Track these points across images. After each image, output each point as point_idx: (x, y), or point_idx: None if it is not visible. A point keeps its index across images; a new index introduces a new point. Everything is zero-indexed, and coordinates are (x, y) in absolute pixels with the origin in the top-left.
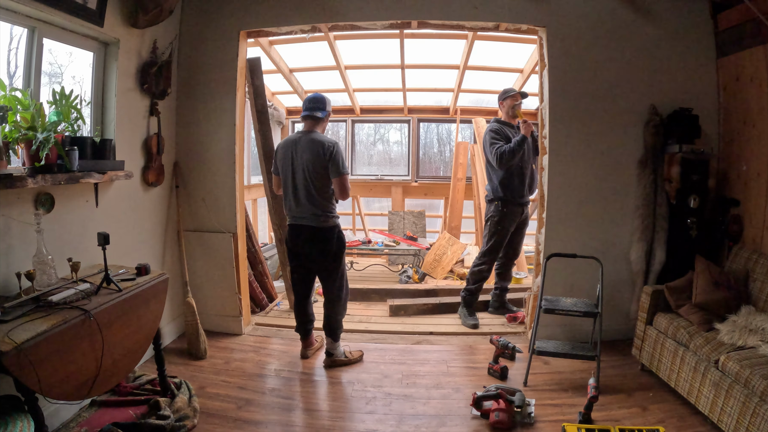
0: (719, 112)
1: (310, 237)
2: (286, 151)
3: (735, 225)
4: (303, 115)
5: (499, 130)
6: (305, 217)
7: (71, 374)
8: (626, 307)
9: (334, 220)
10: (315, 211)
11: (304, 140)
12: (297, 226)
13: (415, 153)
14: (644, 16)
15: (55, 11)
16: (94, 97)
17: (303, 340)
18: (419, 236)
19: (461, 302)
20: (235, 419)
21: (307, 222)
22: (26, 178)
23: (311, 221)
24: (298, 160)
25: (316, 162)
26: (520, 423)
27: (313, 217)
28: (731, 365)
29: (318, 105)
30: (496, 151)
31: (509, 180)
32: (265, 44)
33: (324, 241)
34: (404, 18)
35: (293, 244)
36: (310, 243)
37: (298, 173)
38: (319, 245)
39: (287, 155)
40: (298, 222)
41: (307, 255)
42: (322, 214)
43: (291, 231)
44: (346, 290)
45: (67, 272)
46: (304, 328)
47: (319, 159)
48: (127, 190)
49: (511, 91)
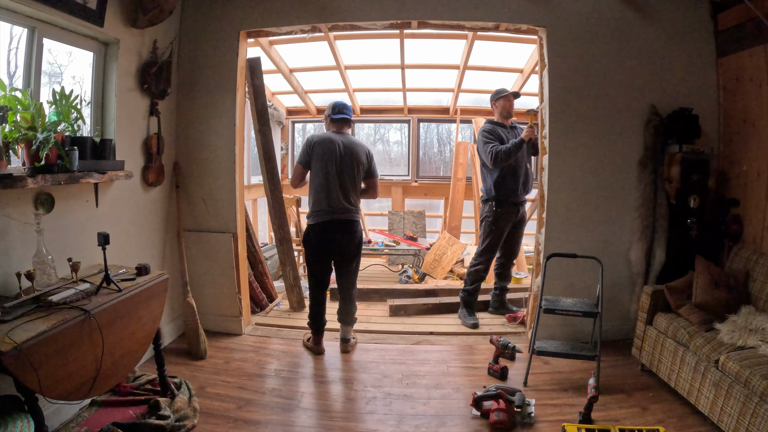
0: (719, 112)
1: (347, 230)
2: (326, 147)
3: (735, 225)
4: (339, 118)
5: (492, 131)
6: (343, 210)
7: (71, 374)
8: (626, 307)
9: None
10: (352, 207)
11: (346, 141)
12: (332, 222)
13: (415, 153)
14: (644, 16)
15: (55, 11)
16: (94, 97)
17: (320, 335)
18: (419, 236)
19: (460, 303)
20: (235, 419)
21: (345, 216)
22: (26, 178)
23: (349, 215)
24: (343, 159)
25: (360, 163)
26: (520, 423)
27: (350, 212)
28: (731, 365)
29: (349, 110)
30: (491, 150)
31: (503, 180)
32: (265, 44)
33: (356, 233)
34: (404, 18)
35: (324, 238)
36: (349, 235)
37: (343, 170)
38: (354, 237)
39: (329, 152)
40: (333, 217)
41: (339, 248)
42: (356, 209)
43: (323, 226)
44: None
45: (67, 272)
46: (323, 325)
47: (363, 160)
48: (127, 190)
49: (504, 91)
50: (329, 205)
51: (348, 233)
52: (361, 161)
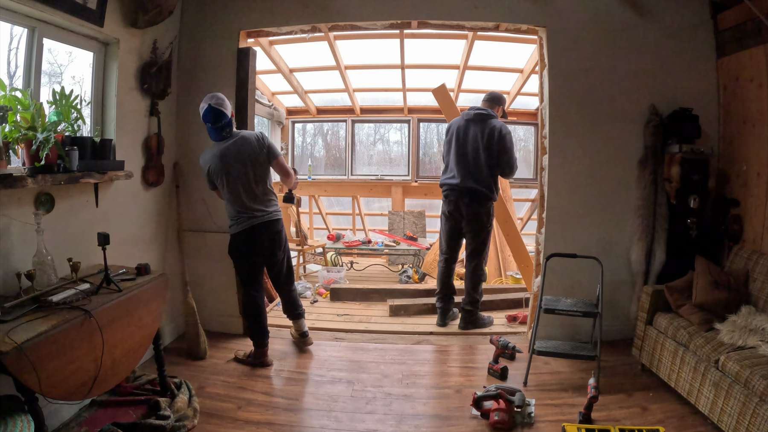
0: (719, 112)
1: (268, 231)
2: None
3: (735, 225)
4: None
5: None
6: (258, 214)
7: (71, 374)
8: (626, 307)
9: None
10: (265, 208)
11: (229, 145)
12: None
13: (415, 153)
14: (644, 16)
15: (55, 11)
16: (94, 97)
17: (265, 347)
18: (419, 236)
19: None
20: (235, 419)
21: (261, 219)
22: (26, 178)
23: (265, 217)
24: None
25: (254, 154)
26: (520, 423)
27: (266, 213)
28: (731, 365)
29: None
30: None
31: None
32: (265, 44)
33: (280, 233)
34: (404, 18)
35: (248, 245)
36: (273, 236)
37: (240, 176)
38: (279, 237)
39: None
40: (251, 223)
41: (264, 251)
42: (271, 210)
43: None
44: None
45: (67, 272)
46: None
47: (254, 149)
48: (127, 190)
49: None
50: (243, 214)
51: (269, 234)
52: (255, 152)
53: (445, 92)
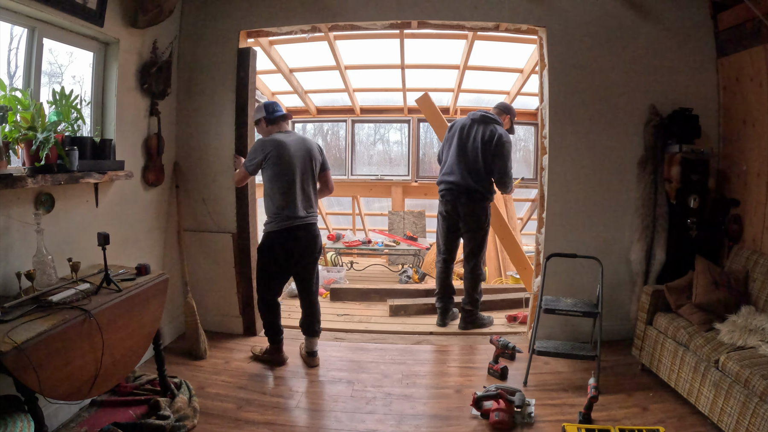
0: (719, 112)
1: (309, 234)
2: (280, 151)
3: (735, 225)
4: (279, 115)
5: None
6: (304, 215)
7: (71, 374)
8: (626, 307)
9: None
10: (313, 211)
11: (297, 139)
12: (293, 227)
13: (415, 153)
14: (644, 16)
15: (55, 11)
16: (94, 97)
17: (279, 344)
18: (419, 236)
19: (475, 312)
20: (235, 419)
21: (306, 220)
22: (26, 178)
23: (310, 218)
24: (300, 160)
25: (315, 158)
26: (520, 423)
27: (311, 215)
28: (731, 365)
29: (279, 106)
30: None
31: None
32: (265, 44)
33: (317, 237)
34: (404, 18)
35: (285, 245)
36: (311, 240)
37: (302, 173)
38: (316, 241)
39: (285, 156)
40: (295, 223)
41: (300, 254)
42: (316, 212)
43: (284, 233)
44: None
45: (67, 272)
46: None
47: (317, 155)
48: (127, 190)
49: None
50: (291, 210)
51: (309, 238)
52: (316, 156)
53: (428, 101)
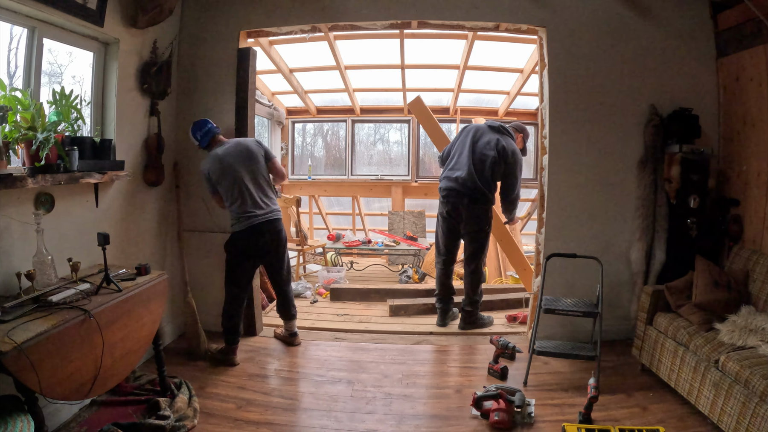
0: (719, 112)
1: (271, 230)
2: (218, 167)
3: (735, 225)
4: (207, 140)
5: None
6: (264, 211)
7: (71, 374)
8: (626, 307)
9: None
10: (272, 205)
11: (230, 146)
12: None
13: (415, 153)
14: (644, 16)
15: (55, 11)
16: (94, 97)
17: (235, 345)
18: (419, 236)
19: (475, 313)
20: (235, 419)
21: (267, 216)
22: (26, 178)
23: (270, 215)
24: (241, 163)
25: (254, 151)
26: (520, 423)
27: (272, 211)
28: (731, 365)
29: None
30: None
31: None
32: (265, 44)
33: (280, 231)
34: (404, 18)
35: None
36: (274, 235)
37: (248, 172)
38: (279, 236)
39: (226, 168)
40: (256, 221)
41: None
42: (276, 207)
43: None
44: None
45: (67, 272)
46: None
47: (254, 147)
48: (127, 190)
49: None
50: (251, 207)
51: (273, 232)
52: (255, 151)
53: (421, 105)
